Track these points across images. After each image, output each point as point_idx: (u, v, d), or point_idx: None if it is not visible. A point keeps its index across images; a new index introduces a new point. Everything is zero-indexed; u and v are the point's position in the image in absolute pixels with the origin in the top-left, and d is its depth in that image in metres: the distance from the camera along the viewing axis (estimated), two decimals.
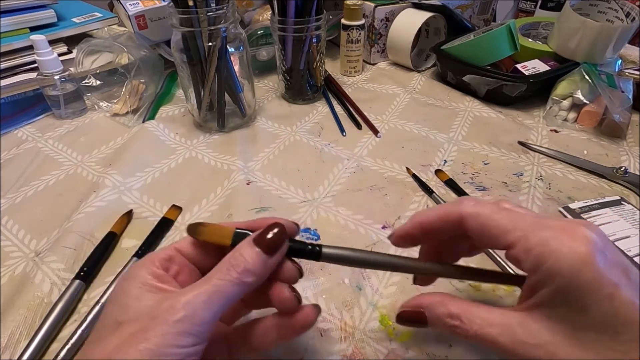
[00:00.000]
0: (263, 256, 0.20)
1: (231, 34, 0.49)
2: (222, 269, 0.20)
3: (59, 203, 0.42)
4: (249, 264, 0.20)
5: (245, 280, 0.19)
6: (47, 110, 0.59)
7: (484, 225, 0.20)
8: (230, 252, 0.20)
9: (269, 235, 0.21)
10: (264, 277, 0.21)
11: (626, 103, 0.50)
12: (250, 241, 0.21)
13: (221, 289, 0.19)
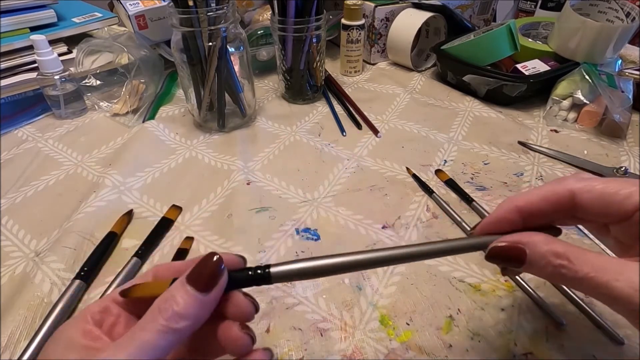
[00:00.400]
0: (198, 295, 0.18)
1: (231, 34, 0.49)
2: (149, 316, 0.17)
3: (59, 203, 0.42)
4: (180, 307, 0.17)
5: (175, 326, 0.17)
6: (47, 110, 0.59)
7: (603, 194, 0.18)
8: (162, 293, 0.18)
9: (203, 269, 0.18)
10: (202, 320, 0.18)
11: (626, 103, 0.50)
12: (183, 280, 0.18)
13: (146, 342, 0.16)
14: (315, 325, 0.30)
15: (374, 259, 0.21)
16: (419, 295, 0.32)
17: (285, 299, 0.32)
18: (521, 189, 0.43)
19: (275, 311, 0.31)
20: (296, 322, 0.30)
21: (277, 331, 0.29)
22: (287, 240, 0.37)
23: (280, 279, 0.21)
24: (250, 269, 0.21)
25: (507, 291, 0.32)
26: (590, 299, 0.31)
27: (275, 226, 0.39)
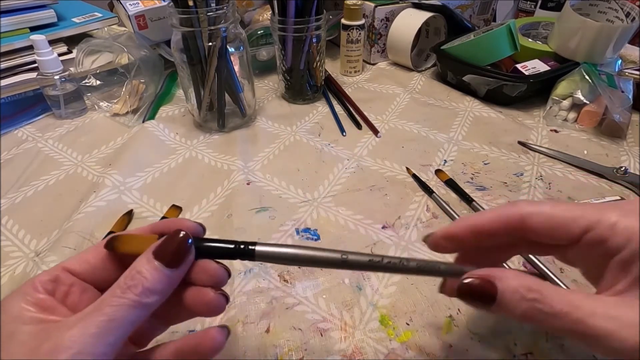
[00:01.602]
0: (165, 271, 0.18)
1: (231, 34, 0.49)
2: (117, 291, 0.17)
3: (59, 203, 0.42)
4: (149, 282, 0.17)
5: (145, 301, 0.17)
6: (47, 110, 0.59)
7: (551, 217, 0.18)
8: (127, 269, 0.18)
9: (170, 245, 0.18)
10: (169, 293, 0.18)
11: (626, 103, 0.50)
12: (149, 255, 0.18)
13: (116, 315, 0.16)
14: (315, 325, 0.30)
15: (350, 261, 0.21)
16: (419, 295, 0.32)
17: (285, 299, 0.32)
18: (521, 189, 0.43)
19: (275, 311, 0.31)
20: (296, 322, 0.30)
21: (277, 331, 0.29)
22: (287, 240, 0.37)
23: (263, 258, 0.21)
24: (236, 242, 0.21)
25: None
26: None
27: (275, 226, 0.39)
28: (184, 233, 0.19)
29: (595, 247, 0.17)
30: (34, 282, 0.18)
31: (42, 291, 0.18)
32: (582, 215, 0.17)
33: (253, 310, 0.31)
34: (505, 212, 0.19)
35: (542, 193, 0.42)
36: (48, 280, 0.19)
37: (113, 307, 0.16)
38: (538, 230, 0.18)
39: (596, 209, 0.17)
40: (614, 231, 0.16)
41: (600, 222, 0.17)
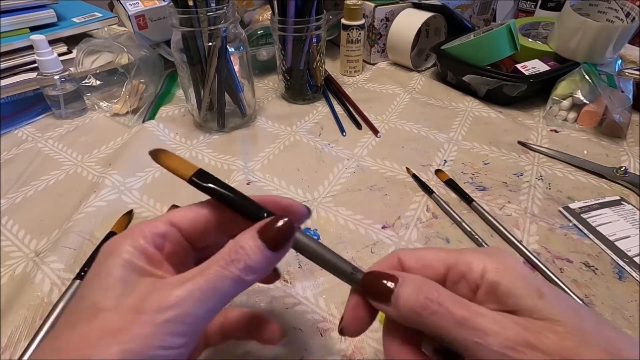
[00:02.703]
0: (267, 252, 0.18)
1: (231, 34, 0.49)
2: (221, 262, 0.17)
3: (59, 203, 0.42)
4: (251, 260, 0.17)
5: (245, 278, 0.17)
6: (47, 110, 0.59)
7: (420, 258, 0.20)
8: (231, 242, 0.18)
9: (276, 227, 0.18)
10: (265, 275, 0.19)
11: (626, 103, 0.50)
12: (254, 233, 0.18)
13: (218, 285, 0.17)
14: (315, 325, 0.30)
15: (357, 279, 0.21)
16: None
17: (285, 299, 0.32)
18: (521, 189, 0.43)
19: (275, 311, 0.31)
20: (296, 322, 0.30)
21: None
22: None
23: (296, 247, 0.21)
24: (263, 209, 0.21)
25: None
26: (590, 299, 0.31)
27: None
28: (288, 220, 0.19)
29: (458, 283, 0.19)
30: (144, 231, 0.19)
31: (152, 244, 0.19)
32: (445, 257, 0.20)
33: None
34: (387, 260, 0.21)
35: (542, 193, 0.42)
36: (158, 234, 0.19)
37: (217, 276, 0.17)
38: (412, 270, 0.20)
39: (457, 252, 0.20)
40: (469, 268, 0.19)
41: (458, 261, 0.19)
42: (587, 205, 0.40)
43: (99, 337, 0.15)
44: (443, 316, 0.17)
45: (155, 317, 0.16)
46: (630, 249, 0.35)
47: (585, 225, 0.38)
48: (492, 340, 0.16)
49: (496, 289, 0.18)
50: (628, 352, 0.16)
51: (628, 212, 0.39)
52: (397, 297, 0.18)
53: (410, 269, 0.20)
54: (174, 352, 0.16)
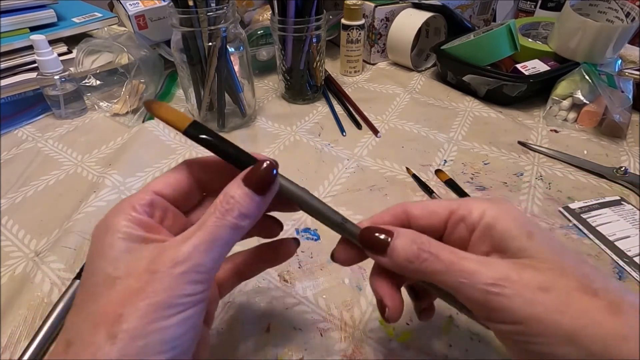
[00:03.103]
0: (255, 197, 0.19)
1: (231, 34, 0.49)
2: (216, 214, 0.18)
3: (59, 203, 0.42)
4: (243, 207, 0.19)
5: (241, 224, 0.19)
6: (47, 110, 0.59)
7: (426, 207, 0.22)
8: (221, 194, 0.19)
9: (258, 173, 0.19)
10: (257, 220, 0.20)
11: (626, 103, 0.50)
12: (239, 181, 0.19)
13: (218, 235, 0.18)
14: (315, 325, 0.30)
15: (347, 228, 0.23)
16: None
17: (285, 299, 0.32)
18: (521, 189, 0.43)
19: (275, 311, 0.31)
20: (296, 322, 0.30)
21: (277, 331, 0.29)
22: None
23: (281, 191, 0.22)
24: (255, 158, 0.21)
25: None
26: None
27: None
28: (268, 163, 0.20)
29: (458, 225, 0.21)
30: (132, 203, 0.19)
31: (143, 213, 0.19)
32: (448, 204, 0.22)
33: (253, 310, 0.31)
34: (394, 209, 0.23)
35: (542, 193, 0.42)
36: (145, 204, 0.20)
37: (215, 227, 0.18)
38: (418, 217, 0.22)
39: (460, 200, 0.22)
40: (469, 211, 0.20)
41: (460, 206, 0.21)
42: (587, 205, 0.40)
43: (124, 298, 0.16)
44: (433, 262, 0.19)
45: (171, 272, 0.17)
46: (630, 249, 0.35)
47: (585, 225, 0.38)
48: (476, 279, 0.18)
49: (491, 231, 0.19)
50: (599, 283, 0.17)
51: (628, 212, 0.39)
52: (392, 249, 0.20)
53: (415, 217, 0.22)
54: (196, 298, 0.17)
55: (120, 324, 0.16)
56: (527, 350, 0.17)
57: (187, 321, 0.17)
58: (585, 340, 0.16)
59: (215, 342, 0.29)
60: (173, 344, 0.16)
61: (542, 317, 0.16)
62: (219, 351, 0.28)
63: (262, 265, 0.26)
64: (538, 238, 0.18)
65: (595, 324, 0.16)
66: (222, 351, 0.28)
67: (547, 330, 0.16)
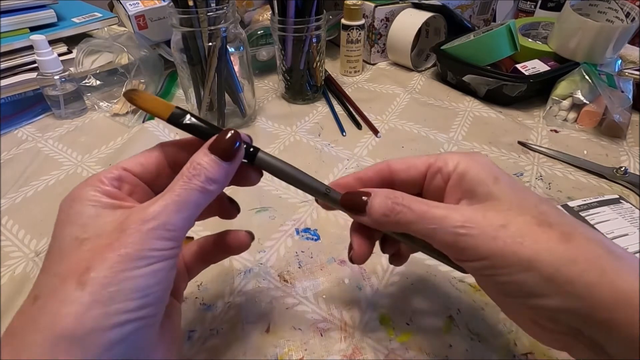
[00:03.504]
0: (222, 163, 0.20)
1: (231, 34, 0.49)
2: (184, 179, 0.19)
3: (59, 203, 0.42)
4: (209, 172, 0.19)
5: (208, 188, 0.19)
6: (47, 110, 0.59)
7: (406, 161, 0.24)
8: (188, 162, 0.20)
9: (223, 141, 0.20)
10: (225, 185, 0.21)
11: (626, 103, 0.50)
12: (205, 150, 0.20)
13: (188, 197, 0.19)
14: (315, 325, 0.30)
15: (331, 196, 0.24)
16: (419, 295, 0.32)
17: (285, 299, 0.32)
18: None
19: (275, 311, 0.31)
20: (296, 322, 0.30)
21: (277, 331, 0.29)
22: (287, 240, 0.37)
23: (262, 165, 0.23)
24: (247, 144, 0.22)
25: None
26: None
27: (275, 226, 0.39)
28: (233, 131, 0.21)
29: (435, 176, 0.22)
30: (99, 177, 0.20)
31: (110, 185, 0.20)
32: (426, 158, 0.23)
33: (253, 310, 0.31)
34: (378, 165, 0.25)
35: (542, 193, 0.42)
36: (113, 178, 0.20)
37: (183, 189, 0.19)
38: (399, 171, 0.24)
39: (437, 154, 0.23)
40: (445, 163, 0.22)
41: (437, 159, 0.23)
42: (586, 203, 0.40)
43: (92, 253, 0.17)
44: (406, 214, 0.20)
45: (140, 228, 0.17)
46: (628, 247, 0.35)
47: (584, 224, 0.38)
48: (446, 223, 0.19)
49: (463, 177, 0.21)
50: (554, 218, 0.18)
51: (626, 211, 0.39)
52: (370, 207, 0.21)
53: (396, 171, 0.24)
54: (166, 253, 0.18)
55: (89, 274, 0.16)
56: (495, 283, 0.19)
57: (158, 273, 0.18)
58: (540, 266, 0.17)
59: (215, 342, 0.29)
60: (144, 292, 0.17)
61: (503, 249, 0.18)
62: (219, 351, 0.28)
63: (221, 254, 0.27)
64: (503, 183, 0.20)
65: (548, 250, 0.17)
66: (222, 351, 0.28)
67: (507, 261, 0.18)
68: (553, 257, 0.17)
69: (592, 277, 0.17)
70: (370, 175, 0.24)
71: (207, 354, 0.28)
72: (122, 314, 0.16)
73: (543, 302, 0.17)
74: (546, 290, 0.17)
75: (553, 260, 0.17)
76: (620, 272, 0.17)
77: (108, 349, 0.16)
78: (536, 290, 0.17)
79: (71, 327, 0.15)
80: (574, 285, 0.17)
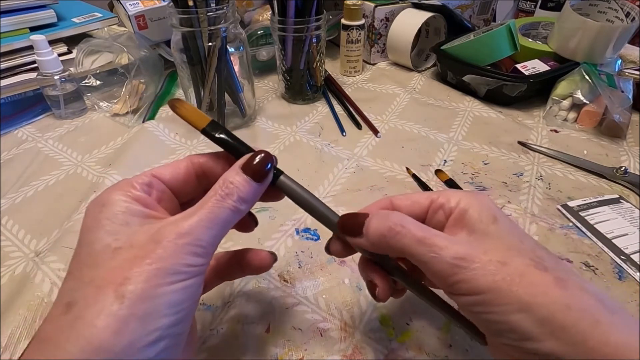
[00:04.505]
0: (253, 184, 0.20)
1: (231, 34, 0.49)
2: (217, 197, 0.20)
3: (59, 203, 0.42)
4: (242, 192, 0.20)
5: (240, 207, 0.20)
6: (47, 110, 0.59)
7: (409, 197, 0.24)
8: (220, 180, 0.20)
9: (255, 162, 0.21)
10: (254, 205, 0.21)
11: (626, 103, 0.50)
12: (238, 169, 0.21)
13: (219, 215, 0.19)
14: (315, 325, 0.30)
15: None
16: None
17: (285, 299, 0.32)
18: (521, 189, 0.43)
19: (275, 311, 0.31)
20: (296, 322, 0.30)
21: (277, 331, 0.29)
22: (287, 240, 0.37)
23: (282, 188, 0.23)
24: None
25: None
26: None
27: (275, 226, 0.39)
28: (265, 153, 0.21)
29: (437, 212, 0.23)
30: (131, 181, 0.20)
31: (141, 190, 0.20)
32: (429, 194, 0.24)
33: (253, 310, 0.31)
34: (380, 201, 0.25)
35: (542, 193, 0.42)
36: (144, 183, 0.21)
37: (216, 208, 0.19)
38: (401, 207, 0.24)
39: (439, 191, 0.24)
40: (448, 200, 0.22)
41: (440, 195, 0.23)
42: (586, 203, 0.40)
43: (129, 264, 0.17)
44: (405, 236, 0.20)
45: (175, 242, 0.18)
46: (628, 246, 0.35)
47: (584, 224, 0.38)
48: (445, 253, 0.19)
49: (464, 215, 0.21)
50: (550, 263, 0.19)
51: (626, 210, 0.39)
52: (367, 228, 0.21)
53: (400, 206, 0.24)
54: (196, 269, 0.18)
55: (127, 286, 0.16)
56: (486, 321, 0.19)
57: (188, 289, 0.18)
58: (536, 308, 0.17)
59: (215, 342, 0.29)
60: (177, 308, 0.17)
61: (501, 287, 0.18)
62: (219, 351, 0.28)
63: (240, 272, 0.26)
64: (502, 223, 0.21)
65: (544, 294, 0.17)
66: (222, 351, 0.28)
67: (504, 299, 0.18)
68: (549, 300, 0.17)
69: (586, 326, 0.17)
70: (373, 211, 0.24)
71: (207, 354, 0.28)
72: (156, 331, 0.16)
73: (535, 346, 0.17)
74: (540, 334, 0.17)
75: (549, 304, 0.17)
76: (613, 326, 0.17)
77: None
78: (530, 332, 0.17)
79: (110, 341, 0.15)
80: (567, 332, 0.17)
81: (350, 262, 0.35)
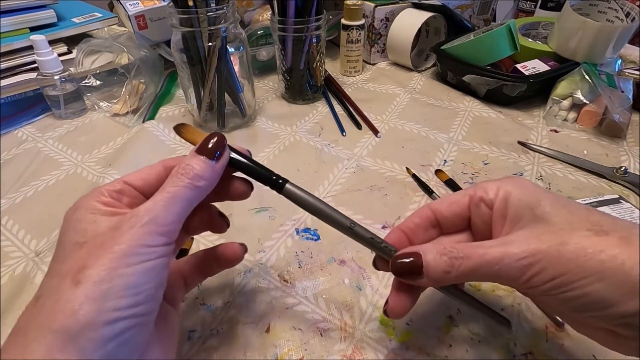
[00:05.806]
0: (208, 162, 0.21)
1: (231, 34, 0.49)
2: (173, 179, 0.21)
3: (59, 203, 0.42)
4: (197, 170, 0.21)
5: (197, 184, 0.21)
6: (47, 110, 0.59)
7: (447, 197, 0.25)
8: (176, 165, 0.21)
9: (209, 144, 0.22)
10: (214, 183, 0.22)
11: (626, 103, 0.50)
12: (193, 152, 0.22)
13: (177, 194, 0.20)
14: (315, 325, 0.30)
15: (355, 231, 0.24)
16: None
17: (285, 299, 0.32)
18: None
19: (275, 311, 0.31)
20: (296, 322, 0.30)
21: (277, 331, 0.29)
22: (287, 240, 0.37)
23: (288, 195, 0.24)
24: (272, 172, 0.24)
25: (506, 291, 0.32)
26: None
27: (275, 226, 0.39)
28: (218, 135, 0.22)
29: (479, 206, 0.23)
30: (100, 189, 0.21)
31: (109, 196, 0.21)
32: (464, 191, 0.24)
33: (253, 310, 0.31)
34: (420, 210, 0.25)
35: None
36: (114, 190, 0.21)
37: (173, 187, 0.20)
38: (442, 211, 0.24)
39: (474, 185, 0.24)
40: (486, 192, 0.23)
41: (477, 189, 0.23)
42: (586, 203, 0.40)
43: (88, 253, 0.18)
44: (467, 264, 0.20)
45: (132, 225, 0.18)
46: None
47: None
48: (507, 260, 0.19)
49: (507, 203, 0.22)
50: (608, 225, 0.19)
51: (626, 210, 0.39)
52: (427, 268, 0.21)
53: (439, 211, 0.24)
54: (158, 249, 0.19)
55: (84, 272, 0.17)
56: (566, 300, 0.19)
57: (150, 271, 0.18)
58: (609, 274, 0.17)
59: (215, 342, 0.29)
60: (136, 290, 0.18)
61: (569, 267, 0.18)
62: (219, 351, 0.28)
63: (217, 266, 0.27)
64: (547, 203, 0.21)
65: (612, 258, 0.18)
66: (222, 351, 0.28)
67: (577, 276, 0.18)
68: (618, 262, 0.17)
69: None
70: (417, 222, 0.25)
71: (207, 354, 0.28)
72: (114, 311, 0.17)
73: (618, 310, 0.18)
74: (620, 297, 0.17)
75: (619, 265, 0.17)
76: None
77: (102, 345, 0.17)
78: (610, 299, 0.18)
79: (65, 324, 0.16)
80: None
81: (351, 262, 0.35)
